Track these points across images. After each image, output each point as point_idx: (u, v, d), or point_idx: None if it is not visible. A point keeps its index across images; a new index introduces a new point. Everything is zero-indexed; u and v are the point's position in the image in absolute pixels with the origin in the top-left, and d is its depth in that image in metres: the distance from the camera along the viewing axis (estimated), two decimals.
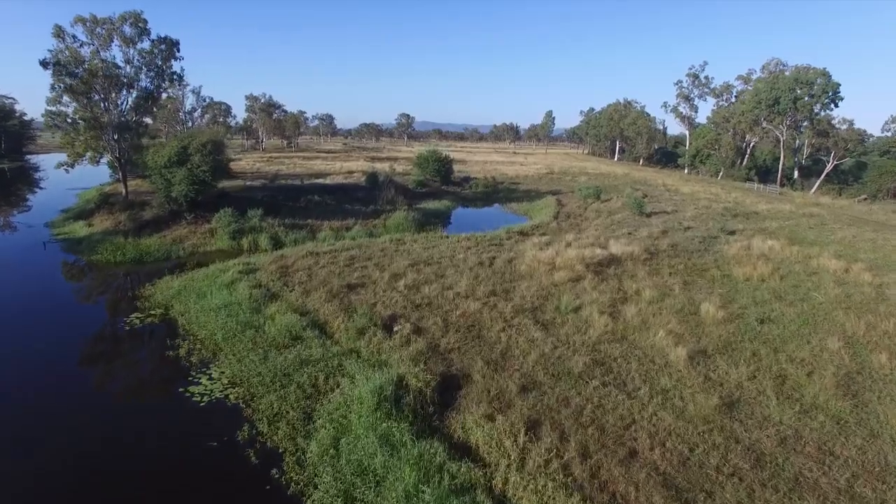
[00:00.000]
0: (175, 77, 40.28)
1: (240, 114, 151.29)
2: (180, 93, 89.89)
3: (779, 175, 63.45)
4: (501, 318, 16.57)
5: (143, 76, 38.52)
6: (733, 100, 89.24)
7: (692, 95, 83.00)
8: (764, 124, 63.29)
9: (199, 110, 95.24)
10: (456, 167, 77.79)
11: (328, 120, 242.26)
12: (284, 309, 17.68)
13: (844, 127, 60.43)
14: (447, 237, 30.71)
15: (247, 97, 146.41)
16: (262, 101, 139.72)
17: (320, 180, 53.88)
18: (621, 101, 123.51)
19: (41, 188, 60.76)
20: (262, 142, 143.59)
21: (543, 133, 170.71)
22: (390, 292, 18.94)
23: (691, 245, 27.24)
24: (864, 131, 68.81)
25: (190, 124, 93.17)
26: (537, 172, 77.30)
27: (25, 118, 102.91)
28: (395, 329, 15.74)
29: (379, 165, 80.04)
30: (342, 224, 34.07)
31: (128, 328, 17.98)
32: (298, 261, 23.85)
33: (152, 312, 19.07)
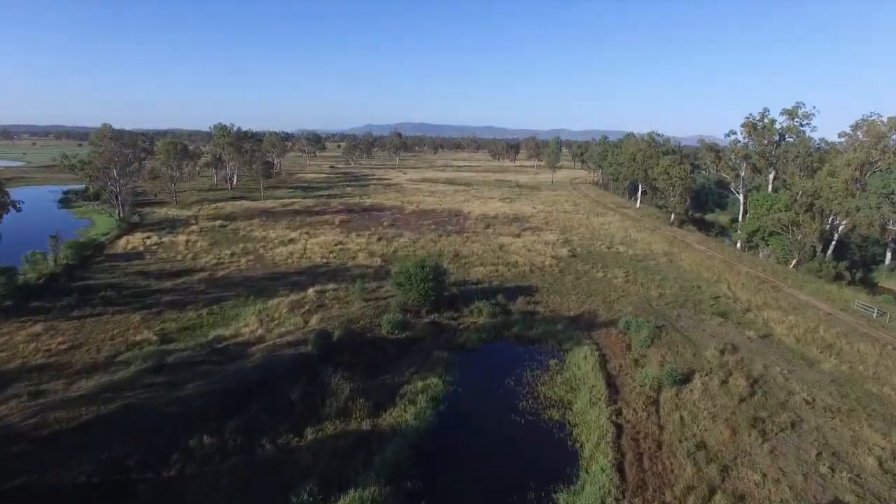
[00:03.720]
0: None
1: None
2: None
3: None
4: None
5: None
6: (776, 139, 72.99)
7: (749, 150, 66.02)
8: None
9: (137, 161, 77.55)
10: (450, 238, 60.27)
11: (314, 139, 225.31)
12: None
13: None
14: None
15: (214, 127, 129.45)
16: (232, 133, 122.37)
17: (248, 330, 36.59)
18: (644, 135, 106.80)
19: None
20: (231, 179, 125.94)
21: (551, 161, 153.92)
22: None
23: None
24: None
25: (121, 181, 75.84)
26: (555, 255, 60.39)
27: None
28: None
29: (353, 244, 62.89)
30: None
31: None
32: None
33: None
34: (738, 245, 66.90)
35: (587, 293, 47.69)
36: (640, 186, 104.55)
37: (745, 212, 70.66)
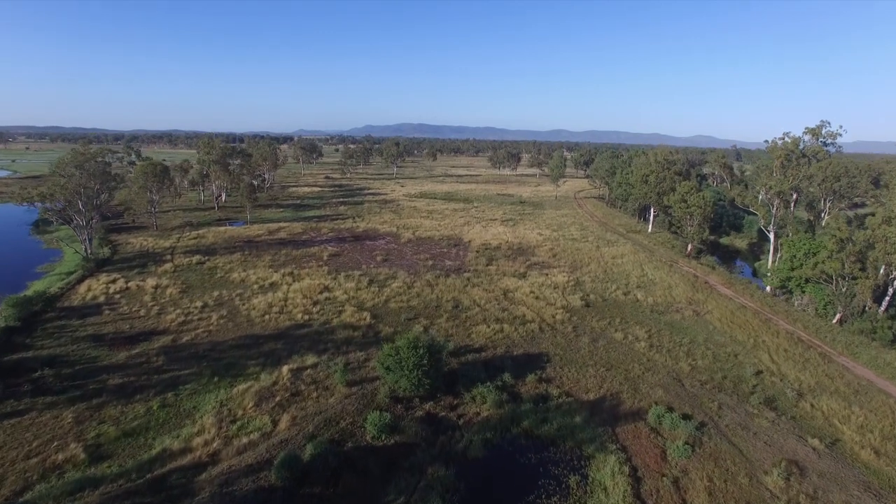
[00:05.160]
0: None
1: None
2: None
3: None
4: None
5: None
6: (807, 160, 66.50)
7: (783, 186, 59.27)
8: None
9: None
10: (449, 281, 53.01)
11: (310, 147, 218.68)
12: None
13: None
14: None
15: (205, 143, 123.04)
16: (218, 147, 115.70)
17: (201, 441, 30.06)
18: (658, 156, 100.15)
19: None
20: (219, 197, 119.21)
21: (554, 175, 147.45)
22: None
23: None
24: None
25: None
26: (567, 305, 54.01)
27: None
28: None
29: (340, 291, 56.29)
30: None
31: None
32: None
33: None
34: (768, 289, 60.31)
35: (606, 364, 41.22)
36: (652, 209, 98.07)
37: (775, 250, 64.05)
